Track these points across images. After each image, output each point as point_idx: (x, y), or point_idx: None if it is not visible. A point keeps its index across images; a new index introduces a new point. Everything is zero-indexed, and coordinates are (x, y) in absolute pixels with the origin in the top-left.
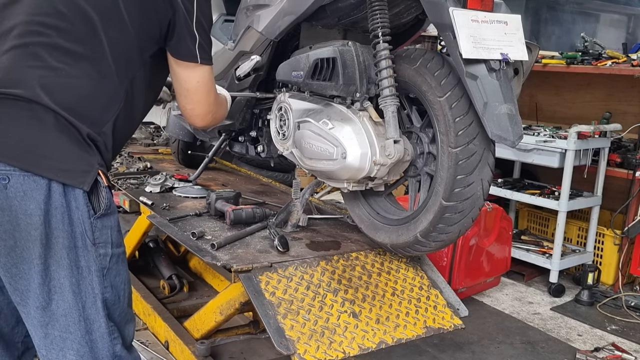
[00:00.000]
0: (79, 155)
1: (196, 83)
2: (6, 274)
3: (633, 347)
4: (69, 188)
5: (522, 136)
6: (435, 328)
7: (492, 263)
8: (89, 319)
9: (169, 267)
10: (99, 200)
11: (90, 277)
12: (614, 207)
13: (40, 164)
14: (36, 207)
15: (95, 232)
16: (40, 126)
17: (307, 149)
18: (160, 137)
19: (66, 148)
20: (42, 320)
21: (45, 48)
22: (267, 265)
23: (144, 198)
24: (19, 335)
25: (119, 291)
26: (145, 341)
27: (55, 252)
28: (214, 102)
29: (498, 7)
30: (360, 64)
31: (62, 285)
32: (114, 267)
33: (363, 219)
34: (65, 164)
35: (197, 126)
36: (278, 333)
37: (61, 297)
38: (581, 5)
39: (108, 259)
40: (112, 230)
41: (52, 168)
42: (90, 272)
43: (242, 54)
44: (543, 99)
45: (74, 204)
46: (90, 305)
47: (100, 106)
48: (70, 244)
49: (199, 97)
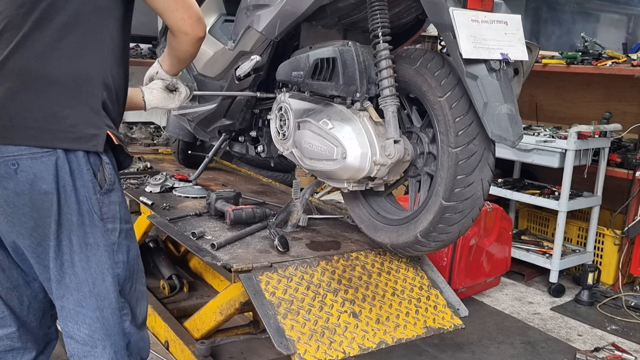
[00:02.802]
0: (88, 119)
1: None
2: (32, 254)
3: (633, 347)
4: (75, 164)
5: (522, 136)
6: (435, 328)
7: (492, 263)
8: (100, 294)
9: (169, 267)
10: (104, 176)
11: (100, 253)
12: (614, 207)
13: (52, 137)
14: (48, 186)
15: (102, 208)
16: (48, 96)
17: (307, 149)
18: (160, 137)
19: (75, 114)
20: (57, 293)
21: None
22: (267, 265)
23: (144, 198)
24: (45, 328)
25: (131, 267)
26: None
27: (66, 229)
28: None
29: (498, 7)
30: (360, 64)
31: (73, 261)
32: (124, 243)
33: (363, 219)
34: (75, 131)
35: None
36: (278, 333)
37: (72, 272)
38: (581, 5)
39: (117, 234)
40: (119, 206)
41: (63, 138)
42: (100, 248)
43: (242, 54)
44: (543, 99)
45: (79, 182)
46: (100, 281)
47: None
48: (78, 221)
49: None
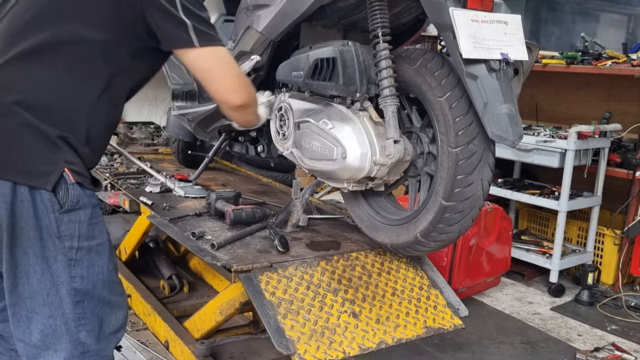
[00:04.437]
0: (44, 155)
1: (207, 65)
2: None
3: (633, 347)
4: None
5: (522, 136)
6: (435, 328)
7: (492, 263)
8: (54, 304)
9: (169, 267)
10: (67, 196)
11: (56, 266)
12: (614, 207)
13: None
14: (2, 201)
15: (60, 226)
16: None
17: (307, 149)
18: (160, 137)
19: (30, 148)
20: (10, 301)
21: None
22: (267, 265)
23: (144, 198)
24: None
25: (92, 281)
26: (145, 341)
27: (21, 242)
28: (242, 76)
29: (498, 7)
30: (360, 64)
31: (27, 272)
32: (84, 259)
33: (363, 219)
34: (27, 166)
35: (234, 104)
36: (278, 333)
37: (26, 282)
38: (581, 5)
39: (74, 251)
40: (80, 225)
41: (15, 171)
42: (56, 262)
43: (242, 54)
44: (543, 99)
45: (38, 198)
46: (54, 292)
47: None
48: (35, 235)
49: (220, 76)
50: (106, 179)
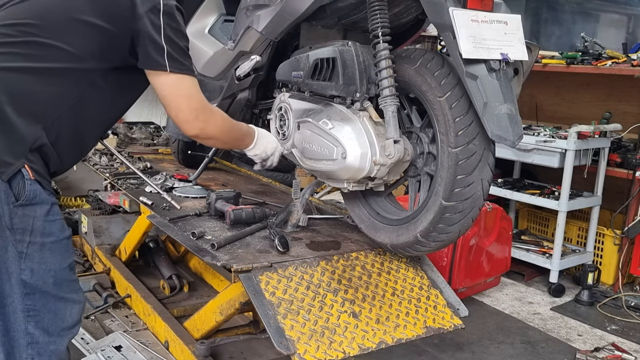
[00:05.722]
0: (7, 147)
1: (170, 90)
2: None
3: (633, 347)
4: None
5: (522, 136)
6: (435, 328)
7: (492, 263)
8: (3, 292)
9: (169, 267)
10: (23, 190)
11: (6, 256)
12: (614, 207)
13: None
14: None
15: (13, 219)
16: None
17: (307, 149)
18: (160, 137)
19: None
20: None
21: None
22: (267, 265)
23: (144, 198)
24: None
25: (43, 277)
26: (145, 341)
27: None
28: (199, 109)
29: (498, 7)
30: (360, 64)
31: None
32: (35, 255)
33: (363, 219)
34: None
35: (188, 134)
36: (278, 333)
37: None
38: (581, 5)
39: (25, 245)
40: (35, 220)
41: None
42: (7, 252)
43: (242, 54)
44: (543, 99)
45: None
46: (5, 281)
47: (43, 104)
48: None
49: (177, 104)
50: (106, 179)
